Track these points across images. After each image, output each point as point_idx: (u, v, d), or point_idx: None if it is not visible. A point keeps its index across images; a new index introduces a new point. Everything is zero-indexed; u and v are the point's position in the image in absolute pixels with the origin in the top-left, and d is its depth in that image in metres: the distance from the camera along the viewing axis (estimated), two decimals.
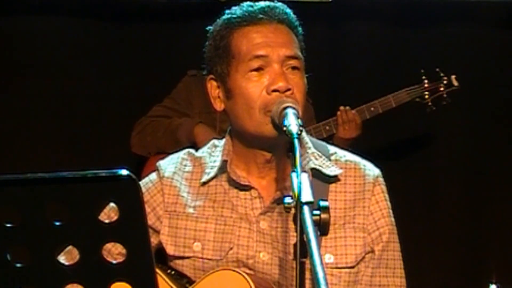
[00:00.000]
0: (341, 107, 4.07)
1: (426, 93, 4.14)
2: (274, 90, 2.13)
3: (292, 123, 1.95)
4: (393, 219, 2.27)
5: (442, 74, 4.15)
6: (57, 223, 1.41)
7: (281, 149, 2.13)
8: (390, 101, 4.06)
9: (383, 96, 4.11)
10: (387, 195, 2.28)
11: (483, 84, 4.59)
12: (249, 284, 2.09)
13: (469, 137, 4.62)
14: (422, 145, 4.68)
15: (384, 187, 2.28)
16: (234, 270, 2.14)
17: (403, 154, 4.62)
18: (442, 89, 4.14)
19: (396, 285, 2.24)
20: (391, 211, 2.27)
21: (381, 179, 2.28)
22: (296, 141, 1.88)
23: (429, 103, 4.14)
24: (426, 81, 4.14)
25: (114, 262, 1.43)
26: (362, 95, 4.22)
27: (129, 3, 4.59)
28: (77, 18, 4.51)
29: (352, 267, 2.20)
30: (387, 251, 2.24)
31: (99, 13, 4.53)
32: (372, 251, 2.23)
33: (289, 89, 2.14)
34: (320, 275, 1.56)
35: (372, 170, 2.28)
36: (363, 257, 2.21)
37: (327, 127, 4.08)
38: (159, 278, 1.97)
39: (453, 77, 4.14)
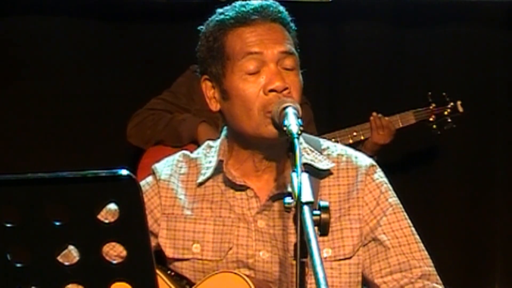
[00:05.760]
0: (374, 113, 4.12)
1: (432, 116, 4.20)
2: (271, 90, 2.13)
3: (292, 123, 1.95)
4: (393, 199, 2.24)
5: (448, 99, 4.21)
6: (57, 223, 1.40)
7: (278, 149, 2.14)
8: (398, 121, 4.11)
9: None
10: (383, 180, 2.26)
11: (483, 84, 4.59)
12: (249, 286, 2.08)
13: (469, 137, 4.62)
14: (422, 145, 4.67)
15: (377, 175, 2.26)
16: (234, 273, 2.14)
17: (403, 155, 4.62)
18: (446, 113, 4.20)
19: (416, 259, 2.20)
20: (390, 192, 2.25)
21: (373, 168, 2.27)
22: (296, 141, 1.88)
23: (434, 126, 4.20)
24: (433, 104, 4.22)
25: (114, 262, 1.43)
26: (362, 95, 4.22)
27: (129, 3, 4.59)
28: (77, 18, 4.51)
29: (350, 258, 2.19)
30: (394, 231, 2.21)
31: (99, 13, 4.53)
32: (375, 239, 2.21)
33: (286, 88, 2.13)
34: (320, 275, 1.56)
35: (364, 161, 2.28)
36: (360, 247, 2.20)
37: (354, 133, 4.13)
38: (159, 279, 1.97)
39: (458, 102, 4.22)
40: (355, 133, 4.12)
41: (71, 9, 4.50)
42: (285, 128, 1.95)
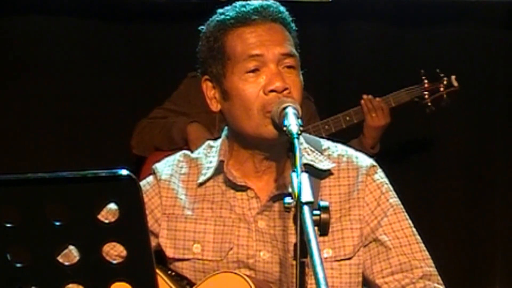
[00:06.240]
0: (364, 96, 4.05)
1: (426, 93, 4.13)
2: (271, 91, 2.13)
3: (292, 123, 1.95)
4: (394, 200, 2.25)
5: (442, 75, 4.14)
6: (57, 223, 1.40)
7: (278, 149, 2.14)
8: (390, 101, 4.06)
9: (383, 96, 4.11)
10: (383, 180, 2.26)
11: (483, 84, 4.59)
12: (250, 286, 2.08)
13: (469, 137, 4.62)
14: (422, 146, 4.68)
15: (378, 175, 2.26)
16: (235, 273, 2.14)
17: (403, 155, 4.62)
18: (442, 89, 4.14)
19: (417, 259, 2.20)
20: (391, 193, 2.25)
21: (374, 169, 2.27)
22: (296, 141, 1.89)
23: (429, 103, 4.13)
24: (426, 81, 4.13)
25: (114, 262, 1.43)
26: (362, 95, 4.21)
27: (129, 3, 4.58)
28: (77, 18, 4.51)
29: (350, 258, 2.20)
30: (395, 232, 2.21)
31: (99, 13, 4.52)
32: (376, 240, 2.21)
33: (286, 89, 2.13)
34: (320, 275, 1.56)
35: (364, 161, 2.28)
36: (360, 248, 2.20)
37: (347, 118, 4.06)
38: (159, 279, 1.97)
39: (453, 77, 4.14)
40: (348, 118, 4.07)
41: (71, 9, 4.50)
42: (285, 128, 1.95)
